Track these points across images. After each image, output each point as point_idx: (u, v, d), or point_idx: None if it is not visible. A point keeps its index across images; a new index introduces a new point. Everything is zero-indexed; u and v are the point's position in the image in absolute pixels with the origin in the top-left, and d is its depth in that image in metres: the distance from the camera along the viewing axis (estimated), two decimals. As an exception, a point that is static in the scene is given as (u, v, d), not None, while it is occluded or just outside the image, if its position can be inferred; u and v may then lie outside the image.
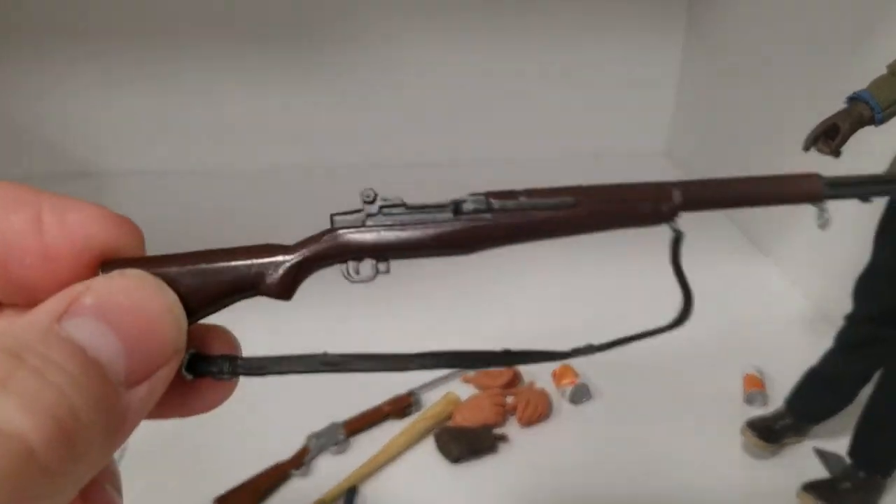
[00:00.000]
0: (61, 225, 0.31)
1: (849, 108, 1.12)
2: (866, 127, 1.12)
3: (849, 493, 1.25)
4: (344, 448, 1.40)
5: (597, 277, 1.89)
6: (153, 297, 0.31)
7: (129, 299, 0.29)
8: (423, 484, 1.34)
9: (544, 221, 0.40)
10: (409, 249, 0.39)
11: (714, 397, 1.54)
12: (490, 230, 0.39)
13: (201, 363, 0.34)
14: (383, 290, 1.52)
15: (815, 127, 1.13)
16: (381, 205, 0.39)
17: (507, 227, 0.39)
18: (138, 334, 0.29)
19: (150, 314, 0.30)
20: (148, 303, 0.30)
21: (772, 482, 1.35)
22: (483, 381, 1.53)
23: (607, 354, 0.44)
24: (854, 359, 1.29)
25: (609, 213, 0.40)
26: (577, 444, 1.43)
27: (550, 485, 1.34)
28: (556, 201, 0.40)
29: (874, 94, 1.11)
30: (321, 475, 1.34)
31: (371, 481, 1.34)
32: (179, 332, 0.31)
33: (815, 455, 1.41)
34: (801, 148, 1.18)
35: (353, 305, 1.62)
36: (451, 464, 1.37)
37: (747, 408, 1.51)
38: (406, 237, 0.38)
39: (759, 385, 1.53)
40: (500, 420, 1.45)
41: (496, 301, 1.81)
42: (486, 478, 1.35)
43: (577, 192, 0.40)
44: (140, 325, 0.29)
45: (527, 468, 1.38)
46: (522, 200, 0.39)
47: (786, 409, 1.40)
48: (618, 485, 1.34)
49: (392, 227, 0.38)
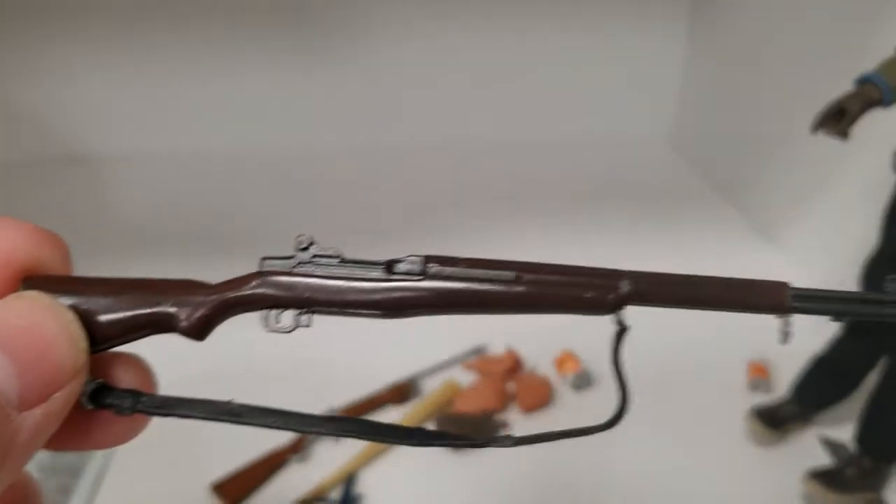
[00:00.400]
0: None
1: (857, 89, 1.10)
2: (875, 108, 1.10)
3: (855, 480, 1.24)
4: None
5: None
6: (48, 318, 0.30)
7: (22, 321, 0.29)
8: (423, 471, 1.32)
9: (478, 295, 0.37)
10: (335, 305, 0.37)
11: (718, 384, 1.52)
12: (418, 298, 0.37)
13: (105, 394, 0.32)
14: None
15: (824, 108, 1.12)
16: (314, 253, 0.38)
17: (437, 297, 0.37)
18: (32, 356, 0.28)
19: (44, 336, 0.29)
20: (43, 324, 0.29)
21: (776, 469, 1.33)
22: (484, 367, 1.51)
23: (610, 341, 0.42)
24: (860, 345, 1.28)
25: (549, 297, 0.38)
26: (578, 431, 1.41)
27: (552, 471, 1.32)
28: (495, 275, 0.37)
29: (883, 76, 1.09)
30: (319, 462, 1.33)
31: (370, 468, 1.32)
32: (76, 353, 0.30)
33: (820, 443, 1.40)
34: (808, 132, 1.16)
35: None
36: (452, 451, 1.36)
37: (751, 395, 1.49)
38: (334, 291, 0.37)
39: (762, 373, 1.51)
40: (500, 406, 1.43)
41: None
42: (486, 465, 1.33)
43: (522, 269, 0.38)
44: (34, 346, 0.28)
45: (528, 455, 1.36)
46: (459, 270, 0.37)
47: (791, 397, 1.39)
48: (621, 471, 1.32)
49: (322, 278, 0.37)
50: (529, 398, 1.43)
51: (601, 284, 0.38)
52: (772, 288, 0.39)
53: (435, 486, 1.29)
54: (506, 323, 1.55)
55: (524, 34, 2.43)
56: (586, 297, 0.38)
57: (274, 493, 1.27)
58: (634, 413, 1.49)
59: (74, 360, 0.30)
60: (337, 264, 0.38)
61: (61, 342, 0.30)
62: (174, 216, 2.10)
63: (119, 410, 0.33)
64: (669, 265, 0.41)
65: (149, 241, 1.97)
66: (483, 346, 1.59)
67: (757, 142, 2.10)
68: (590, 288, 0.38)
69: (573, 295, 0.38)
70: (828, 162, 1.75)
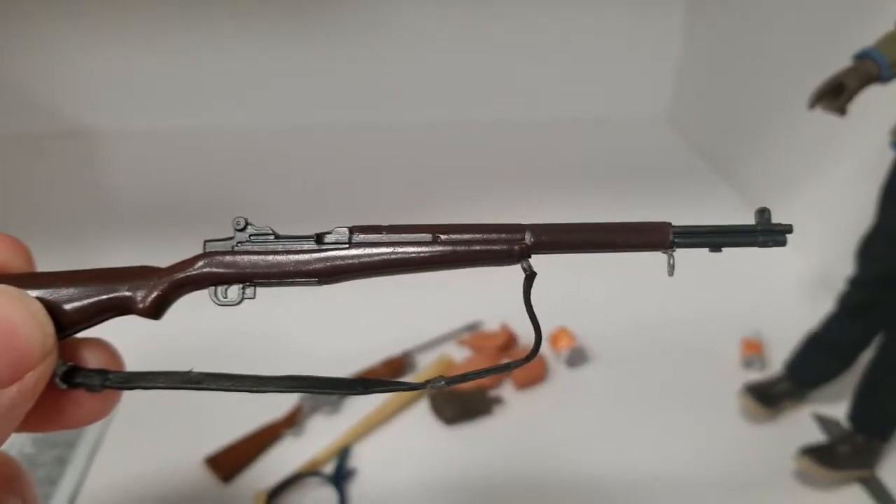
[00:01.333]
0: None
1: (856, 64, 1.09)
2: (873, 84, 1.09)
3: (847, 457, 1.24)
4: (337, 408, 1.39)
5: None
6: (16, 306, 0.33)
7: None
8: (417, 445, 1.33)
9: (400, 258, 0.42)
10: (272, 277, 0.41)
11: (712, 361, 1.52)
12: (347, 264, 0.42)
13: (76, 375, 0.36)
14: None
15: (822, 84, 1.10)
16: (251, 233, 0.42)
17: (364, 261, 0.42)
18: (3, 340, 0.32)
19: (13, 321, 0.33)
20: (11, 311, 0.33)
21: (769, 446, 1.33)
22: (478, 343, 1.51)
23: (605, 318, 0.46)
24: (855, 322, 1.27)
25: (464, 253, 0.43)
26: (572, 406, 1.41)
27: (545, 447, 1.33)
28: (414, 237, 0.42)
29: (882, 51, 1.07)
30: (313, 436, 1.33)
31: (364, 442, 1.32)
32: (44, 337, 0.34)
33: (814, 420, 1.40)
34: (805, 108, 1.15)
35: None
36: (446, 425, 1.36)
37: (745, 372, 1.49)
38: (270, 264, 0.41)
39: (756, 349, 1.51)
40: (495, 382, 1.44)
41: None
42: (480, 440, 1.34)
43: (436, 230, 0.42)
44: (4, 331, 0.32)
45: (522, 430, 1.37)
46: (382, 236, 0.42)
47: (785, 374, 1.39)
48: (614, 447, 1.32)
49: (259, 254, 0.41)
50: (523, 374, 1.43)
51: (508, 238, 0.42)
52: (657, 228, 0.44)
53: (428, 459, 1.30)
54: (500, 298, 1.56)
55: (523, 15, 2.42)
56: (495, 249, 0.43)
57: (268, 466, 1.27)
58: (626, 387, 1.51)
59: (43, 343, 0.33)
60: (272, 241, 0.42)
61: (30, 327, 0.33)
62: (166, 190, 2.10)
63: (90, 388, 0.37)
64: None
65: (140, 214, 1.97)
66: (478, 323, 1.59)
67: (754, 121, 2.10)
68: (498, 242, 0.42)
69: (484, 249, 0.43)
70: (825, 141, 1.75)
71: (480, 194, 2.11)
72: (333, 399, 1.39)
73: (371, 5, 2.31)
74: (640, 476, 1.27)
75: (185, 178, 2.16)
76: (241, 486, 1.24)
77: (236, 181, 2.17)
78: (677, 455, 1.31)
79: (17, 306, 0.33)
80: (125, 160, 2.27)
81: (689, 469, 1.29)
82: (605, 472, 1.28)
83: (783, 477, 1.28)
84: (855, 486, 1.27)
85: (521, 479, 1.27)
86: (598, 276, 1.52)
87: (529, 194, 2.13)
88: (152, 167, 2.23)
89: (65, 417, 0.38)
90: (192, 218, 1.95)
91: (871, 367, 1.25)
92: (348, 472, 1.25)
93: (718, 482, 1.27)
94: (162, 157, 2.27)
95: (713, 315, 1.64)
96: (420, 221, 0.43)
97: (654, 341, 1.55)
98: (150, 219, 1.95)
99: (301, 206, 2.01)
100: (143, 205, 2.02)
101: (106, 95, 2.34)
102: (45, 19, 2.19)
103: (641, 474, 1.28)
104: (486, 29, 2.42)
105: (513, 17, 2.41)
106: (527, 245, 0.43)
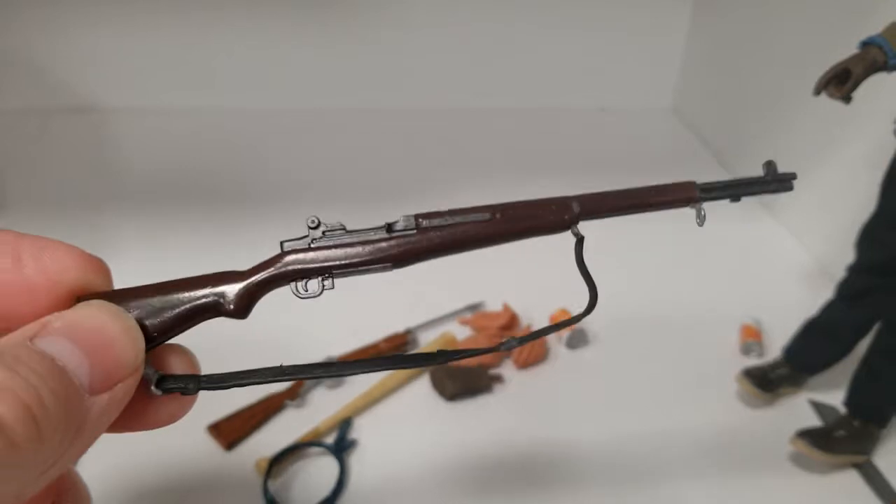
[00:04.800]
0: (38, 263, 0.37)
1: (862, 52, 1.09)
2: (879, 73, 1.10)
3: (843, 441, 1.25)
4: (339, 382, 1.40)
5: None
6: (113, 321, 0.36)
7: (92, 323, 0.35)
8: (417, 420, 1.34)
9: (465, 235, 0.46)
10: (349, 266, 0.45)
11: (712, 346, 1.54)
12: (419, 246, 0.46)
13: (169, 381, 0.39)
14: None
15: (827, 70, 1.11)
16: (324, 230, 0.45)
17: (434, 242, 0.46)
18: (100, 351, 0.35)
19: (110, 335, 0.36)
20: (109, 326, 0.36)
21: (766, 430, 1.35)
22: (480, 322, 1.52)
23: (607, 302, 0.50)
24: (854, 309, 1.28)
25: (520, 226, 0.48)
26: (572, 388, 1.43)
27: (544, 427, 1.34)
28: (474, 217, 0.47)
29: (888, 39, 1.07)
30: (315, 407, 1.34)
31: (365, 415, 1.34)
32: (136, 352, 0.37)
33: (810, 406, 1.41)
34: (810, 99, 1.15)
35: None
36: (446, 401, 1.37)
37: (744, 358, 1.51)
38: (346, 255, 0.45)
39: (755, 336, 1.52)
40: (496, 362, 1.45)
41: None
42: (479, 417, 1.35)
43: (492, 210, 0.47)
44: (102, 344, 0.35)
45: (521, 409, 1.38)
46: (445, 219, 0.46)
47: (783, 359, 1.40)
48: (612, 429, 1.34)
49: (334, 247, 0.45)
50: (525, 354, 1.44)
51: (557, 209, 0.48)
52: (685, 186, 0.50)
53: (428, 433, 1.31)
54: (502, 280, 1.58)
55: (529, 3, 2.42)
56: (549, 219, 0.48)
57: (270, 435, 1.29)
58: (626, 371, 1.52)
59: (135, 357, 0.37)
60: (344, 234, 0.45)
61: (124, 342, 0.36)
62: (174, 169, 2.11)
63: (186, 391, 0.40)
64: (674, 230, 0.43)
65: (148, 192, 1.98)
66: (480, 304, 1.60)
67: (758, 112, 2.10)
68: (550, 213, 0.48)
69: (538, 221, 0.48)
70: (827, 131, 1.76)
71: (486, 182, 2.12)
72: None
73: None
74: (638, 456, 1.29)
75: (192, 157, 2.17)
76: (243, 454, 1.25)
77: (244, 161, 2.19)
78: (674, 436, 1.33)
79: (114, 321, 0.36)
80: (132, 138, 2.27)
81: (686, 450, 1.30)
82: (603, 451, 1.29)
83: (779, 460, 1.30)
84: (850, 470, 1.28)
85: (518, 455, 1.29)
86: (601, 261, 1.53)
87: (536, 182, 2.14)
88: (159, 145, 2.24)
89: (147, 420, 0.41)
90: (201, 197, 1.97)
91: (868, 353, 1.26)
92: (349, 443, 1.27)
93: (716, 463, 1.28)
94: (170, 136, 2.28)
95: (714, 301, 1.65)
96: (432, 205, 0.47)
97: (655, 326, 1.57)
98: (158, 196, 1.96)
99: (310, 187, 2.03)
100: (151, 183, 2.03)
101: (118, 72, 2.34)
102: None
103: (639, 455, 1.29)
104: (497, 18, 2.43)
105: (522, 8, 2.42)
106: (575, 213, 0.48)
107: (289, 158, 2.21)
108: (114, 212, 1.88)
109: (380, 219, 0.46)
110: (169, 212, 1.87)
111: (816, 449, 1.22)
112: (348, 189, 2.03)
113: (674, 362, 1.49)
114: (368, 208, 1.76)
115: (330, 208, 1.91)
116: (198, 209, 1.90)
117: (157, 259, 1.63)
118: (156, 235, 1.77)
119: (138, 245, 1.71)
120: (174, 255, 1.65)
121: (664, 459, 1.29)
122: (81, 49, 2.28)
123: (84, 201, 1.90)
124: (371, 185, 2.07)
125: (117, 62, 2.32)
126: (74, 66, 2.31)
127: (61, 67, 2.30)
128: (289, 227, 0.75)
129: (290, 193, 1.98)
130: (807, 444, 1.23)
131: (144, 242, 1.74)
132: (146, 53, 2.32)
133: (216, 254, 1.71)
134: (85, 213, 1.84)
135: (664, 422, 1.36)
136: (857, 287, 1.27)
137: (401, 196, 1.97)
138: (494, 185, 2.09)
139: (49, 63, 2.28)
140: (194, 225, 1.82)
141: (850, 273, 1.29)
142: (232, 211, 1.89)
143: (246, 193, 2.00)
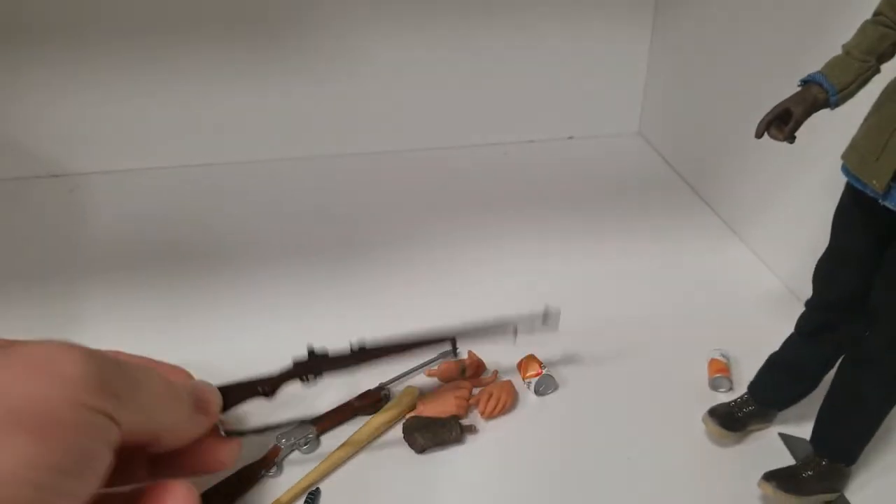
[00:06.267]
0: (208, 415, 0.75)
1: (802, 91, 1.08)
2: (821, 110, 1.09)
3: (811, 481, 1.23)
4: (315, 446, 1.39)
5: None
6: (215, 396, 0.77)
7: (206, 394, 0.75)
8: (388, 475, 1.33)
9: None
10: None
11: (680, 383, 1.53)
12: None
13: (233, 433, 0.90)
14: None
15: (767, 113, 1.10)
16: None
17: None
18: (209, 410, 0.74)
19: (212, 399, 0.76)
20: (213, 398, 0.76)
21: (735, 470, 1.34)
22: (445, 373, 1.52)
23: (574, 342, 0.49)
24: (813, 345, 1.27)
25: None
26: (542, 435, 1.42)
27: (516, 476, 1.33)
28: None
29: (828, 76, 1.06)
30: (294, 474, 1.32)
31: (334, 477, 1.32)
32: (218, 407, 0.77)
33: (780, 438, 1.40)
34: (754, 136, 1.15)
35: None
36: (417, 454, 1.37)
37: (713, 393, 1.50)
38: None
39: (724, 370, 1.51)
40: (463, 413, 1.44)
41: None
42: (453, 468, 1.35)
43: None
44: (211, 402, 0.75)
45: (493, 459, 1.37)
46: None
47: (749, 396, 1.39)
48: (582, 474, 1.33)
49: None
50: (491, 405, 1.43)
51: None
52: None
53: (400, 488, 1.30)
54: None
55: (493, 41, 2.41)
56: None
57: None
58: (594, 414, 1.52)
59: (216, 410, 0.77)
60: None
61: (215, 401, 0.77)
62: (152, 229, 2.11)
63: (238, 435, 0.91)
64: (645, 258, 0.42)
65: (126, 253, 1.97)
66: (447, 352, 1.59)
67: (723, 135, 2.11)
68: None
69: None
70: (788, 160, 1.76)
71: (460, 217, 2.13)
72: (310, 437, 1.38)
73: (340, 35, 2.31)
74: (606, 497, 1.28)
75: (169, 216, 2.17)
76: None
77: (211, 218, 2.18)
78: (645, 480, 1.32)
79: (216, 396, 0.77)
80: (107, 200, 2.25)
81: (653, 492, 1.29)
82: (571, 496, 1.28)
83: (752, 499, 1.28)
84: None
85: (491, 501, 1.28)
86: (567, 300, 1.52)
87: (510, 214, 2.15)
88: (134, 206, 2.23)
89: (206, 463, 0.75)
90: (177, 255, 1.96)
91: (830, 391, 1.24)
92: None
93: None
94: (144, 196, 2.27)
95: (682, 336, 1.64)
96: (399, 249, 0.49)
97: (623, 365, 1.56)
98: (133, 257, 1.96)
99: (281, 240, 2.02)
100: (125, 243, 2.02)
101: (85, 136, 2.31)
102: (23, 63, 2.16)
103: (607, 500, 1.28)
104: (458, 58, 2.43)
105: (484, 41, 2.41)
106: None
107: (260, 212, 2.21)
108: (83, 272, 1.87)
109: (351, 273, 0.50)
110: (140, 278, 1.87)
111: (784, 493, 1.20)
112: (322, 237, 2.03)
113: (643, 403, 1.49)
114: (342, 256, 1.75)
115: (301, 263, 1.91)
116: (170, 270, 1.89)
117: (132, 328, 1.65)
118: (127, 302, 1.77)
119: (110, 314, 1.71)
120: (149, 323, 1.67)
121: (631, 501, 1.28)
122: (43, 117, 2.27)
123: (45, 266, 1.89)
124: (344, 231, 2.07)
125: (81, 128, 2.30)
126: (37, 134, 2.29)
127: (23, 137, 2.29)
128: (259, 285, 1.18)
129: (259, 248, 1.98)
130: (774, 488, 1.21)
131: (116, 312, 1.73)
132: (103, 118, 2.31)
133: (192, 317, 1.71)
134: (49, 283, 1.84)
135: (634, 466, 1.35)
136: (815, 323, 1.26)
137: (368, 244, 1.97)
138: (466, 225, 2.10)
139: None
140: (165, 289, 1.81)
141: (808, 309, 1.28)
142: (203, 270, 1.88)
143: (216, 253, 1.99)
